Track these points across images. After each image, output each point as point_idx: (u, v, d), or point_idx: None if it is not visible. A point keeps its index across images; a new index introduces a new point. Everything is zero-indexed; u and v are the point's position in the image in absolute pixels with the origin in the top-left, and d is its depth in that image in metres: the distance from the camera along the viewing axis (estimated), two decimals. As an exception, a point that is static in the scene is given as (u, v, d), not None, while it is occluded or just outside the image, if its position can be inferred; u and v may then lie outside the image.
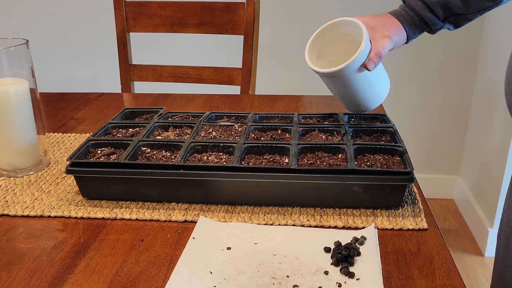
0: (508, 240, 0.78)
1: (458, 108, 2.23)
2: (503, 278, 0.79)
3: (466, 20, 0.93)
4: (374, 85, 0.94)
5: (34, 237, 0.73)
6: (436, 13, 0.91)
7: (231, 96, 1.35)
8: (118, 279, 0.64)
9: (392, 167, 0.79)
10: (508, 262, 0.78)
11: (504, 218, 0.81)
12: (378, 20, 0.91)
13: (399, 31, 0.91)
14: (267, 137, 0.90)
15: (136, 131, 0.94)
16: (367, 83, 0.92)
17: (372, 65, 0.86)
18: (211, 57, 2.15)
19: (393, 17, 0.92)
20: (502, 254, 0.80)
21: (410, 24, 0.92)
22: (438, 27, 0.93)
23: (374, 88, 0.94)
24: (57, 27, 2.19)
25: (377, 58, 0.87)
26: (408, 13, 0.92)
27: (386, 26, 0.90)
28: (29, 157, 0.92)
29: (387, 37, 0.89)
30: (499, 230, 0.84)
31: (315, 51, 0.93)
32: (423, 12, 0.91)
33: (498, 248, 0.83)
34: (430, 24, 0.93)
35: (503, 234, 0.80)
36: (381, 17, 0.92)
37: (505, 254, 0.79)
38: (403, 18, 0.92)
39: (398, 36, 0.91)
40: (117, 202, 0.81)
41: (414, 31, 0.93)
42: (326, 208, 0.78)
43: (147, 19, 1.54)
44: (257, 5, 1.47)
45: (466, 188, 2.26)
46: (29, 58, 0.89)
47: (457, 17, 0.92)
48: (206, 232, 0.72)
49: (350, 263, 0.64)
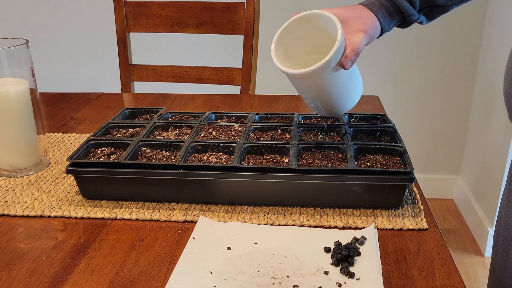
0: (507, 247, 0.77)
1: (458, 108, 2.23)
2: (501, 284, 0.79)
3: (441, 12, 0.87)
4: (349, 85, 0.86)
5: (34, 237, 0.73)
6: (413, 2, 0.84)
7: (231, 96, 1.35)
8: (118, 279, 0.64)
9: (392, 167, 0.79)
10: (507, 269, 0.77)
11: (502, 223, 0.79)
12: (350, 12, 0.82)
13: (374, 24, 0.83)
14: (267, 137, 0.90)
15: (136, 131, 0.94)
16: (342, 84, 0.84)
17: (349, 63, 0.78)
18: (211, 57, 2.15)
19: (366, 8, 0.84)
20: (500, 260, 0.79)
21: (385, 15, 0.84)
22: (414, 18, 0.85)
23: (349, 88, 0.87)
24: (57, 27, 2.19)
25: (354, 55, 0.79)
26: (382, 3, 0.84)
27: (360, 19, 0.82)
28: (29, 157, 0.92)
29: (362, 31, 0.81)
30: (496, 235, 0.82)
31: (281, 50, 0.83)
32: (400, 1, 0.83)
33: (495, 253, 0.82)
34: (406, 14, 0.84)
35: (501, 240, 0.79)
36: (353, 9, 0.84)
37: (503, 260, 0.78)
38: (377, 9, 0.84)
39: (373, 30, 0.83)
40: (117, 202, 0.81)
41: (389, 23, 0.85)
42: (326, 208, 0.78)
43: (147, 19, 1.54)
44: (257, 5, 1.47)
45: (466, 188, 2.26)
46: (29, 58, 0.89)
47: (432, 8, 0.86)
48: (206, 232, 0.72)
49: (350, 263, 0.64)
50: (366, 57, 2.15)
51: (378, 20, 0.83)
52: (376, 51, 2.12)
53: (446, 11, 0.86)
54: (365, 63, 2.17)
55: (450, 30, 2.10)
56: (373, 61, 2.15)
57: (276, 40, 0.82)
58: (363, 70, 2.47)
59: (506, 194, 0.79)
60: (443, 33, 2.10)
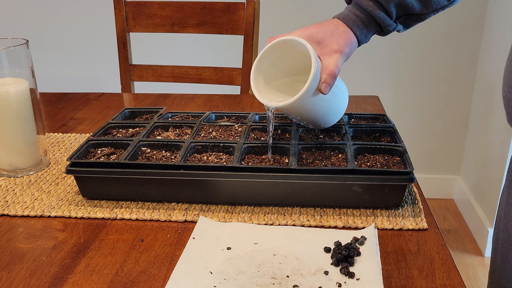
0: (507, 250, 0.76)
1: (458, 108, 2.23)
2: (502, 286, 0.78)
3: (418, 21, 0.85)
4: (333, 100, 0.86)
5: (34, 237, 0.73)
6: (389, 12, 0.82)
7: (231, 96, 1.35)
8: (118, 279, 0.64)
9: (392, 167, 0.79)
10: (507, 272, 0.76)
11: (501, 226, 0.78)
12: (324, 31, 0.80)
13: (349, 40, 0.81)
14: (267, 137, 0.90)
15: (136, 131, 0.94)
16: (325, 103, 0.84)
17: (327, 88, 0.78)
18: (211, 57, 2.15)
19: (340, 23, 0.82)
20: (501, 263, 0.78)
21: (361, 29, 0.82)
22: (391, 28, 0.84)
23: (334, 103, 0.87)
24: (57, 27, 2.19)
25: (332, 79, 0.78)
26: (358, 16, 0.82)
27: (334, 38, 0.80)
28: (29, 157, 0.92)
29: (337, 51, 0.79)
30: (495, 237, 0.81)
31: (261, 77, 0.83)
32: (375, 11, 0.81)
33: (494, 255, 0.81)
34: (382, 25, 0.83)
35: (501, 243, 0.78)
36: (327, 26, 0.81)
37: (504, 264, 0.77)
38: (353, 23, 0.82)
39: (349, 48, 0.81)
40: (117, 202, 0.81)
41: (366, 35, 0.83)
42: (326, 208, 0.78)
43: (147, 19, 1.54)
44: (257, 5, 1.47)
45: (466, 188, 2.26)
46: (29, 58, 0.89)
47: (409, 17, 0.84)
48: (206, 232, 0.72)
49: (350, 263, 0.64)
50: (366, 57, 2.16)
51: (354, 34, 0.82)
52: (376, 51, 2.13)
53: (423, 19, 0.85)
54: (365, 63, 2.17)
55: (450, 30, 2.10)
56: (373, 61, 2.15)
57: (254, 69, 0.82)
58: (364, 70, 2.47)
59: (505, 196, 0.79)
60: (443, 33, 2.10)
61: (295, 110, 0.82)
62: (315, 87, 0.78)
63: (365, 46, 0.82)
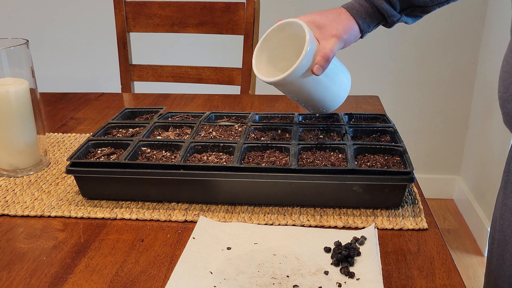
0: (502, 250, 0.76)
1: (458, 108, 2.23)
2: (498, 286, 0.78)
3: (424, 12, 0.87)
4: (330, 86, 0.87)
5: (34, 237, 0.73)
6: (393, 3, 0.84)
7: (231, 96, 1.35)
8: (118, 279, 0.64)
9: (392, 167, 0.79)
10: (503, 272, 0.77)
11: (497, 227, 0.78)
12: (326, 17, 0.83)
13: (350, 28, 0.83)
14: (267, 137, 0.90)
15: (136, 131, 0.94)
16: (321, 86, 0.85)
17: (319, 70, 0.79)
18: (211, 57, 2.15)
19: (344, 11, 0.84)
20: (496, 263, 0.78)
21: (364, 18, 0.84)
22: (395, 19, 0.85)
23: (331, 89, 0.88)
24: (57, 27, 2.19)
25: (325, 61, 0.79)
26: (362, 5, 0.84)
27: (334, 24, 0.82)
28: (29, 157, 0.92)
29: (335, 36, 0.81)
30: (491, 238, 0.81)
31: (263, 57, 0.86)
32: (379, 2, 0.83)
33: (490, 255, 0.81)
34: (386, 15, 0.85)
35: (496, 243, 0.78)
36: (330, 13, 0.84)
37: (499, 264, 0.77)
38: (356, 12, 0.84)
39: (348, 34, 0.83)
40: (117, 202, 0.81)
41: (369, 25, 0.85)
42: (326, 208, 0.78)
43: (147, 19, 1.54)
44: (257, 5, 1.47)
45: (466, 188, 2.26)
46: (29, 58, 0.89)
47: (414, 9, 0.85)
48: (206, 232, 0.72)
49: (350, 263, 0.64)
50: (366, 57, 2.16)
51: (357, 22, 0.84)
52: (376, 51, 2.13)
53: (429, 11, 0.86)
54: (365, 63, 2.17)
55: (450, 30, 2.10)
56: (373, 61, 2.15)
57: (258, 47, 0.85)
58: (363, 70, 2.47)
59: (500, 197, 0.79)
60: (443, 33, 2.10)
61: (290, 88, 0.84)
62: (307, 66, 0.79)
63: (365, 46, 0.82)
